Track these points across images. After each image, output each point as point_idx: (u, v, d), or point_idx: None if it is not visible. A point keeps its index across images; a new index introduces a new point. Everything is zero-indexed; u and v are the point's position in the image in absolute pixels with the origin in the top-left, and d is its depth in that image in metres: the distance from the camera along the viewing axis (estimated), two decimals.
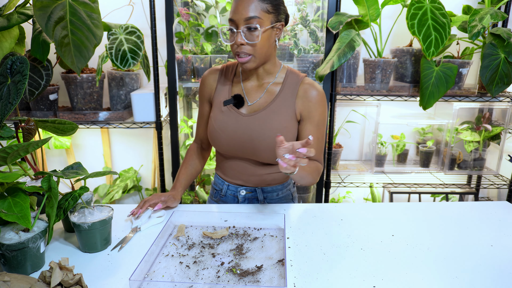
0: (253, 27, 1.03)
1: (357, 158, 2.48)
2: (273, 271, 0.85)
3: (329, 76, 1.94)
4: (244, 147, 1.17)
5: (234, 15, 1.05)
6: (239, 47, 1.06)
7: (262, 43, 1.07)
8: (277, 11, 1.08)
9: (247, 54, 1.07)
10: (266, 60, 1.14)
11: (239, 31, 1.05)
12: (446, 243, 0.99)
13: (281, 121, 1.15)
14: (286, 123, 1.15)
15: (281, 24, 1.11)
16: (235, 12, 1.05)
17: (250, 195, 1.26)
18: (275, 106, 1.16)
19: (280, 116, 1.15)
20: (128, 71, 2.02)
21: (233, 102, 1.18)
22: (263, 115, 1.15)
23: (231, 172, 1.26)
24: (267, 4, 1.05)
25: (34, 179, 1.14)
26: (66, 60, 1.42)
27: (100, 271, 0.86)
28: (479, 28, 1.69)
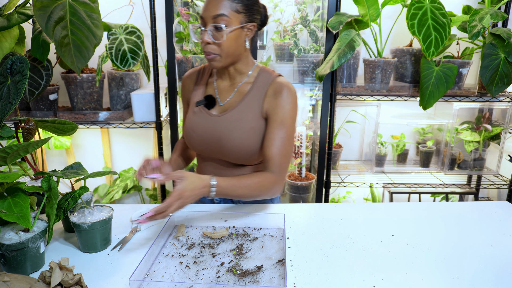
0: (219, 26, 1.02)
1: (357, 158, 2.48)
2: (273, 271, 0.85)
3: (329, 76, 1.94)
4: (213, 148, 1.17)
5: (203, 12, 1.05)
6: (206, 46, 1.06)
7: (229, 43, 1.05)
8: (248, 11, 1.06)
9: (213, 53, 1.06)
10: (235, 60, 1.12)
11: (206, 29, 1.04)
12: (446, 243, 0.99)
13: (248, 121, 1.13)
14: (253, 123, 1.13)
15: (253, 25, 1.09)
16: (204, 9, 1.04)
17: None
18: (243, 106, 1.14)
19: (248, 116, 1.13)
20: (128, 71, 2.02)
21: (204, 103, 1.18)
22: (231, 115, 1.14)
23: (206, 173, 1.26)
24: (237, 4, 1.03)
25: (34, 179, 1.14)
26: (66, 60, 1.42)
27: (100, 271, 0.86)
28: (479, 28, 1.69)
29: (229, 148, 1.13)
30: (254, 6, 1.08)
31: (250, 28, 1.09)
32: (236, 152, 1.13)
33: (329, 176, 2.09)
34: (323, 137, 2.02)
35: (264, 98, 1.14)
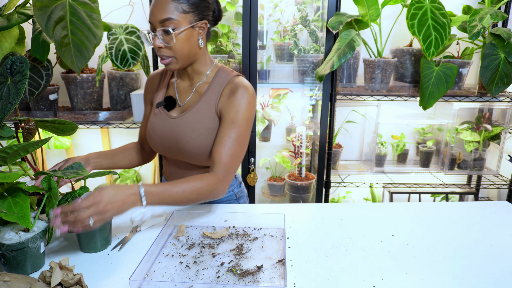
0: (166, 29, 1.01)
1: (357, 158, 2.48)
2: (273, 271, 0.85)
3: (329, 76, 1.94)
4: (173, 149, 1.16)
5: (150, 18, 1.03)
6: (159, 50, 1.05)
7: (181, 44, 1.04)
8: (196, 9, 1.04)
9: (168, 56, 1.05)
10: (191, 61, 1.11)
11: (155, 34, 1.03)
12: (446, 243, 0.99)
13: (205, 122, 1.11)
14: (210, 124, 1.11)
15: (204, 22, 1.07)
16: (151, 14, 1.03)
17: None
18: (200, 106, 1.13)
19: (204, 117, 1.12)
20: (128, 71, 2.02)
21: (164, 104, 1.18)
22: (189, 117, 1.13)
23: (170, 174, 1.27)
24: (182, 4, 1.01)
25: (34, 179, 1.14)
26: (66, 60, 1.42)
27: (100, 271, 0.86)
28: (479, 28, 1.69)
29: (187, 150, 1.12)
30: (202, 3, 1.05)
31: (201, 27, 1.07)
32: (194, 154, 1.12)
33: (329, 176, 2.09)
34: (323, 137, 2.02)
35: (219, 98, 1.12)
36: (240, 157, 1.09)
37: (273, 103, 2.23)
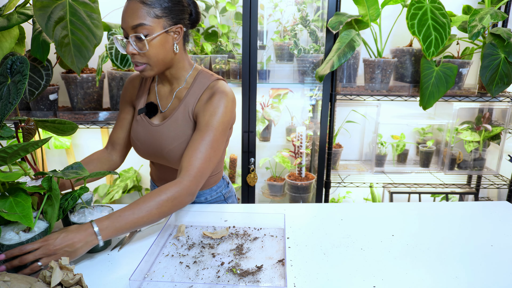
0: (138, 36, 0.97)
1: (357, 158, 2.48)
2: (273, 271, 0.85)
3: (329, 76, 1.94)
4: (157, 156, 1.15)
5: (122, 23, 1.00)
6: (132, 57, 1.02)
7: (155, 50, 1.00)
8: (170, 14, 1.00)
9: (141, 63, 1.02)
10: (167, 66, 1.07)
11: (128, 40, 0.99)
12: (446, 243, 0.99)
13: (185, 129, 1.09)
14: (190, 131, 1.09)
15: (179, 27, 1.03)
16: (122, 19, 0.99)
17: None
18: (179, 113, 1.10)
19: (184, 124, 1.09)
20: (128, 71, 2.02)
21: (145, 111, 1.15)
22: (169, 125, 1.11)
23: (158, 177, 1.26)
24: (154, 9, 0.97)
25: (34, 179, 1.14)
26: (66, 60, 1.42)
27: (100, 271, 0.86)
28: (479, 28, 1.69)
29: (171, 157, 1.11)
30: (175, 7, 1.01)
31: (176, 31, 1.03)
32: (178, 160, 1.10)
33: (329, 176, 2.09)
34: (323, 137, 2.02)
35: (196, 103, 1.09)
36: (213, 161, 1.03)
37: (273, 103, 2.23)
